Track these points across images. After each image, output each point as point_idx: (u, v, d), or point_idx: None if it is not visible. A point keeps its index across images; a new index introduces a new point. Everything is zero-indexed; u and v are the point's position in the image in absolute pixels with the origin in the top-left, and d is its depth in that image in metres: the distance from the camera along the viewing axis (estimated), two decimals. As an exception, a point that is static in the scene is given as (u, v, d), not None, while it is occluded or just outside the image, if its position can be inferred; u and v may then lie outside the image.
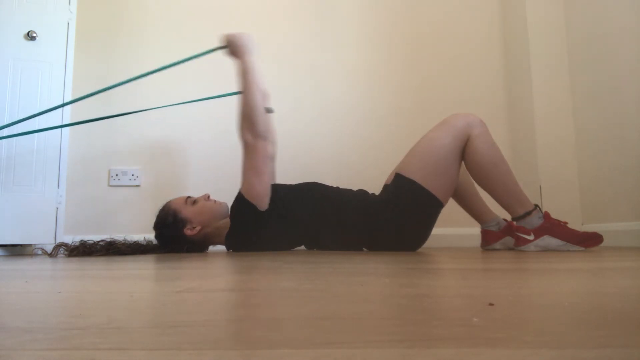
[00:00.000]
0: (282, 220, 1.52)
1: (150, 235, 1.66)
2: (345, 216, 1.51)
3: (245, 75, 1.52)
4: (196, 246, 1.63)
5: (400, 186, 1.48)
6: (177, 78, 2.39)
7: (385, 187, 1.56)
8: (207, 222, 1.60)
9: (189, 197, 1.66)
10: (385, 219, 1.48)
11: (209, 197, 1.67)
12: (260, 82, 1.52)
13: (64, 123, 1.98)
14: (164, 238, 1.61)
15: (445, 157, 1.44)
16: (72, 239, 1.67)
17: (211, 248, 1.75)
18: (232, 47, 1.57)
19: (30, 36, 1.93)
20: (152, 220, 1.66)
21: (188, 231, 1.58)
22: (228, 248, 1.63)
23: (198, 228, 1.59)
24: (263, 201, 1.50)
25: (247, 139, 1.50)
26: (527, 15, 2.25)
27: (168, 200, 1.69)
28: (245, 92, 1.51)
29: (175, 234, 1.58)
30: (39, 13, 1.98)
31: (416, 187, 1.45)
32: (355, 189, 1.65)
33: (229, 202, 1.61)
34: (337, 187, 1.64)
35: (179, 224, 1.58)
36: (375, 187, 1.67)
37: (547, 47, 2.22)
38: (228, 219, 1.60)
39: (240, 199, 1.52)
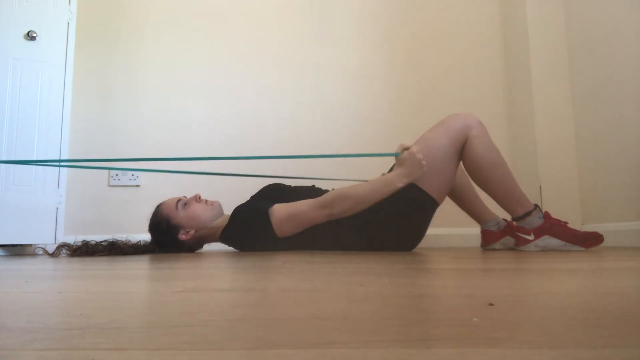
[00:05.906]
0: None
1: (149, 236, 1.67)
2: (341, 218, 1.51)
3: (388, 188, 1.43)
4: (192, 247, 1.64)
5: None
6: (176, 78, 2.40)
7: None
8: (201, 225, 1.60)
9: (179, 200, 1.61)
10: (381, 219, 1.47)
11: (199, 197, 1.64)
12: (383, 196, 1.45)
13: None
14: (160, 244, 1.62)
15: (443, 158, 1.44)
16: (72, 239, 1.67)
17: (206, 247, 1.75)
18: (405, 162, 1.43)
19: (30, 36, 1.93)
20: (151, 220, 1.66)
21: (182, 236, 1.59)
22: (223, 242, 1.62)
23: (192, 232, 1.60)
24: (282, 234, 1.49)
25: (323, 206, 1.45)
26: (527, 15, 2.24)
27: (160, 202, 1.67)
28: (374, 194, 1.44)
29: (170, 240, 1.60)
30: (39, 13, 1.98)
31: (412, 187, 1.44)
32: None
33: (224, 201, 1.61)
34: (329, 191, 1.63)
35: (173, 231, 1.58)
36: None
37: (547, 47, 2.22)
38: (224, 217, 1.61)
39: (263, 216, 1.48)
